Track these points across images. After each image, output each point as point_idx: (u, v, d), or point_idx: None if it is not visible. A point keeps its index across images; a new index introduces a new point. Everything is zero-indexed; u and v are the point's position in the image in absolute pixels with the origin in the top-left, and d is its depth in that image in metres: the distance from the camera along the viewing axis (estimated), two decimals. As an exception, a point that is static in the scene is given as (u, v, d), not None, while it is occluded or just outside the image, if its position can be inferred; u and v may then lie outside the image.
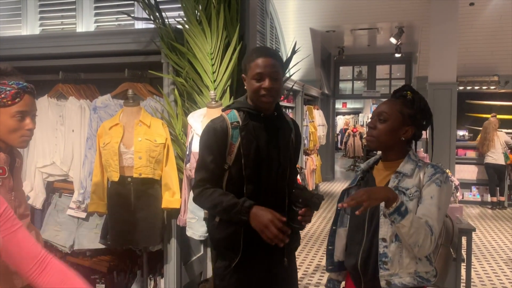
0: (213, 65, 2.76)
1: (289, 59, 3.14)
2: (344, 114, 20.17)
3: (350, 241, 1.75)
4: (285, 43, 8.19)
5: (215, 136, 1.80)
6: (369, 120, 1.77)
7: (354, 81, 12.12)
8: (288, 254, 1.93)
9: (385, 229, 1.61)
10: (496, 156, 7.57)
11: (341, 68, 11.69)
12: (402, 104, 1.68)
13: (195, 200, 1.89)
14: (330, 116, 11.04)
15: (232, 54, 2.77)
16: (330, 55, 10.96)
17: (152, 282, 3.08)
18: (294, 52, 3.06)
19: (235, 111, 1.84)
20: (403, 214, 1.49)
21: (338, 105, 17.38)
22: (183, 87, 2.84)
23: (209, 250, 3.18)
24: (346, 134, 16.09)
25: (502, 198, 7.81)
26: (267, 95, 1.77)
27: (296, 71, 3.54)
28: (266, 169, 1.83)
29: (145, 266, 2.96)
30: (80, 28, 3.86)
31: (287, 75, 3.64)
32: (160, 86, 2.94)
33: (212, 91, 2.70)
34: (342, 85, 12.21)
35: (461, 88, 8.16)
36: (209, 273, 3.17)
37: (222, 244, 1.87)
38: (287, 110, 7.36)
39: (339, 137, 17.57)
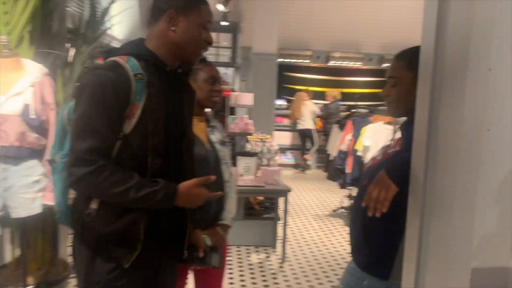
0: (4, 3, 2.21)
1: (108, 8, 2.76)
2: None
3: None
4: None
5: (113, 89, 1.27)
6: None
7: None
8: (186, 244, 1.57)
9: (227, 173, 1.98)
10: (305, 123, 8.52)
11: (169, 31, 11.31)
12: None
13: (76, 183, 1.28)
14: (157, 81, 10.65)
15: (32, -7, 2.26)
16: (157, 17, 10.47)
17: None
18: (113, -1, 2.69)
19: (133, 59, 1.34)
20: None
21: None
22: (-37, 28, 2.22)
23: (6, 231, 2.66)
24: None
25: (308, 157, 8.78)
26: (205, 50, 1.45)
27: (112, 25, 3.13)
28: (176, 139, 1.42)
29: None
30: None
31: (108, 30, 3.21)
32: None
33: (4, 36, 2.16)
34: (170, 49, 11.86)
35: (280, 60, 8.75)
36: (8, 257, 2.67)
37: (113, 240, 1.35)
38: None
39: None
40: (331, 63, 9.31)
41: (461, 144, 0.90)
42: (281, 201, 4.28)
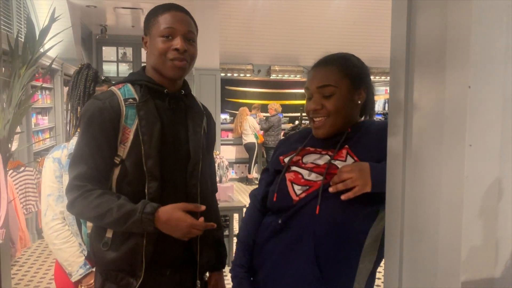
0: None
1: (46, 29, 2.60)
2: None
3: None
4: (37, 13, 7.05)
5: (101, 117, 1.30)
6: None
7: (119, 63, 11.55)
8: (202, 273, 1.51)
9: None
10: (247, 138, 8.58)
11: (104, 48, 10.94)
12: None
13: (70, 207, 1.33)
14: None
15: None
16: (91, 33, 10.08)
17: None
18: (53, 19, 2.54)
19: (129, 85, 1.39)
20: None
21: (102, 88, 16.42)
22: None
23: None
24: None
25: (254, 175, 8.84)
26: (178, 58, 1.34)
27: (53, 45, 2.98)
28: (174, 161, 1.39)
29: None
30: None
31: (42, 49, 3.04)
32: None
33: None
34: (106, 66, 11.47)
35: (222, 74, 8.75)
36: None
37: (117, 266, 1.36)
38: (44, 92, 6.39)
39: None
40: (272, 76, 9.46)
41: (443, 159, 0.91)
42: (235, 217, 4.22)
